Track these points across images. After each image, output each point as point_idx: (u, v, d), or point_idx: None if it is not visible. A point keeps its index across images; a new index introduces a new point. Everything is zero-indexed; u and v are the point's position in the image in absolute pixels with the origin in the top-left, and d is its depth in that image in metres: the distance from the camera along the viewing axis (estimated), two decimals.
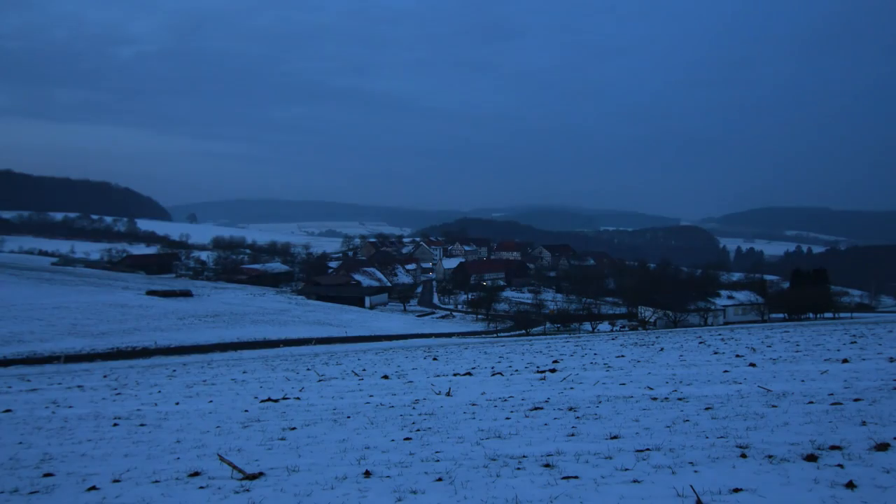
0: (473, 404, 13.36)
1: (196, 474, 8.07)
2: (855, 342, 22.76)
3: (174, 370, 32.17)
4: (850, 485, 5.70)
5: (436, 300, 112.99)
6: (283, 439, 10.54)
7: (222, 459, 8.46)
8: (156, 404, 17.39)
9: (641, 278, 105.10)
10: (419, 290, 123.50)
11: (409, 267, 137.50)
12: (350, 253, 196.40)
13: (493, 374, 19.82)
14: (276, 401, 16.34)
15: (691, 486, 5.96)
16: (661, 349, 25.87)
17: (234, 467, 8.04)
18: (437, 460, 8.11)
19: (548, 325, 77.24)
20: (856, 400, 10.54)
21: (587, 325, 73.89)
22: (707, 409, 10.75)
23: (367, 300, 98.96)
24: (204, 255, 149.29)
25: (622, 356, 23.60)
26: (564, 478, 6.72)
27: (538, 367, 21.34)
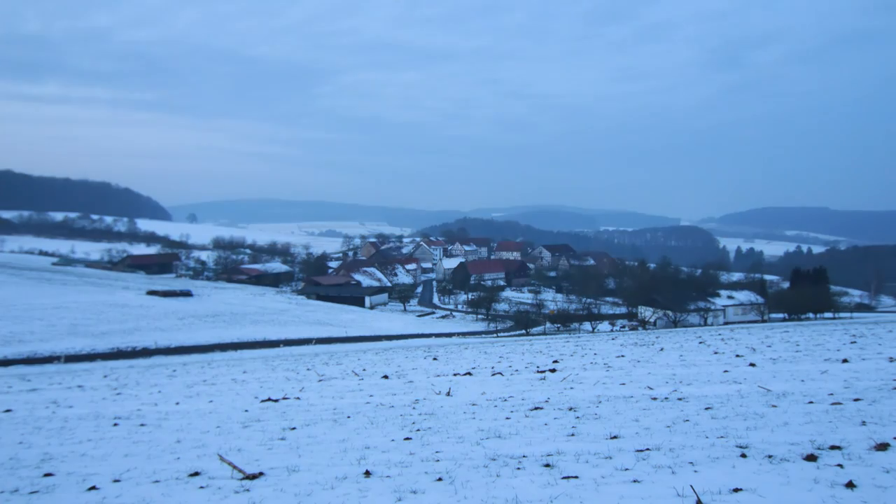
0: (473, 404, 13.36)
1: (196, 474, 8.07)
2: (855, 342, 22.75)
3: (174, 370, 32.17)
4: (850, 485, 5.70)
5: (436, 300, 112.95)
6: (283, 439, 10.55)
7: (222, 459, 8.47)
8: (156, 404, 17.40)
9: (641, 278, 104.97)
10: (419, 290, 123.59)
11: (409, 267, 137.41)
12: (350, 253, 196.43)
13: (493, 374, 19.81)
14: (276, 401, 16.34)
15: (691, 486, 5.96)
16: (661, 349, 25.86)
17: (235, 467, 8.04)
18: (438, 460, 8.12)
19: (548, 325, 77.21)
20: (856, 400, 10.54)
21: (587, 325, 73.89)
22: (707, 408, 10.75)
23: (368, 300, 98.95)
24: (204, 256, 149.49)
25: (622, 356, 23.59)
26: (564, 478, 6.72)
27: (538, 367, 21.33)
